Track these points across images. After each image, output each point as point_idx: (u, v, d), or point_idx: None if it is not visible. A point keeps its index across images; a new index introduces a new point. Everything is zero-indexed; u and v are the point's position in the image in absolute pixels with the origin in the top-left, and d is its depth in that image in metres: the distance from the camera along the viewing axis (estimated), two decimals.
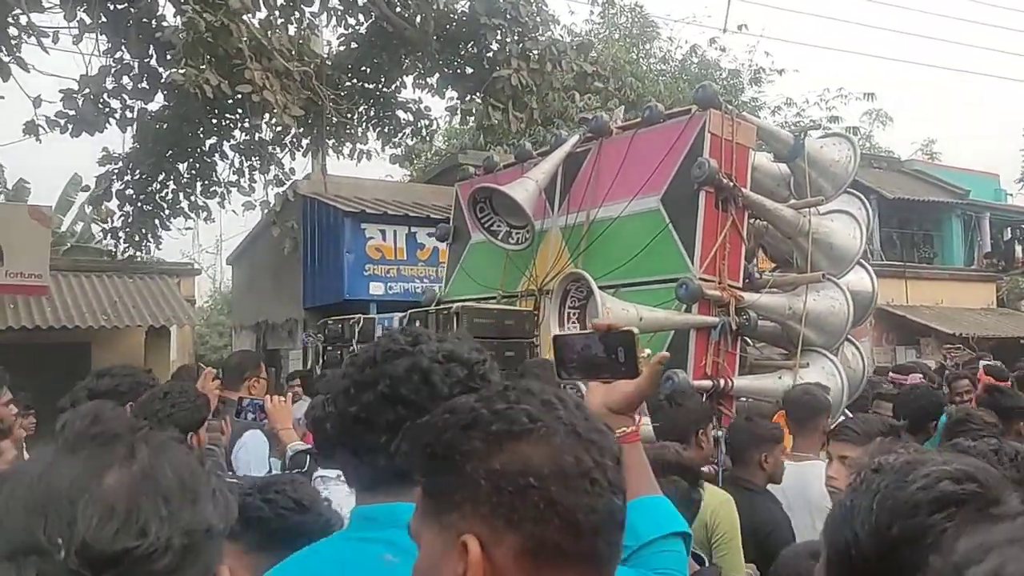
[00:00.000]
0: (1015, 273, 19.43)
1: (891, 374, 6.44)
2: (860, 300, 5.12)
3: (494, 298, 5.63)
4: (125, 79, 10.04)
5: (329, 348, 5.40)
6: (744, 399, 4.82)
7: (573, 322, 4.74)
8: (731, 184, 4.74)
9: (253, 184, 10.97)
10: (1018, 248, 20.46)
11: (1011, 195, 22.74)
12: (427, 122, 11.69)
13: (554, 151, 5.62)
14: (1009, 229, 21.42)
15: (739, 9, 43.10)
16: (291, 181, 10.79)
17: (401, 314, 5.04)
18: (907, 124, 53.00)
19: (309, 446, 3.21)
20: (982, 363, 7.50)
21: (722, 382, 4.60)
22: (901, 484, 1.09)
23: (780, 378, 4.85)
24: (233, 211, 12.33)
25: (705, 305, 4.67)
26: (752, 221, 5.09)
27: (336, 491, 2.64)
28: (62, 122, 9.36)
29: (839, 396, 4.71)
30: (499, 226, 5.55)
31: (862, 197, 5.27)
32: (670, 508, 1.43)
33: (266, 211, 10.63)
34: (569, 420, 0.95)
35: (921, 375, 6.24)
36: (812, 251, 4.93)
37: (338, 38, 11.12)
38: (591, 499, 0.91)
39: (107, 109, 9.95)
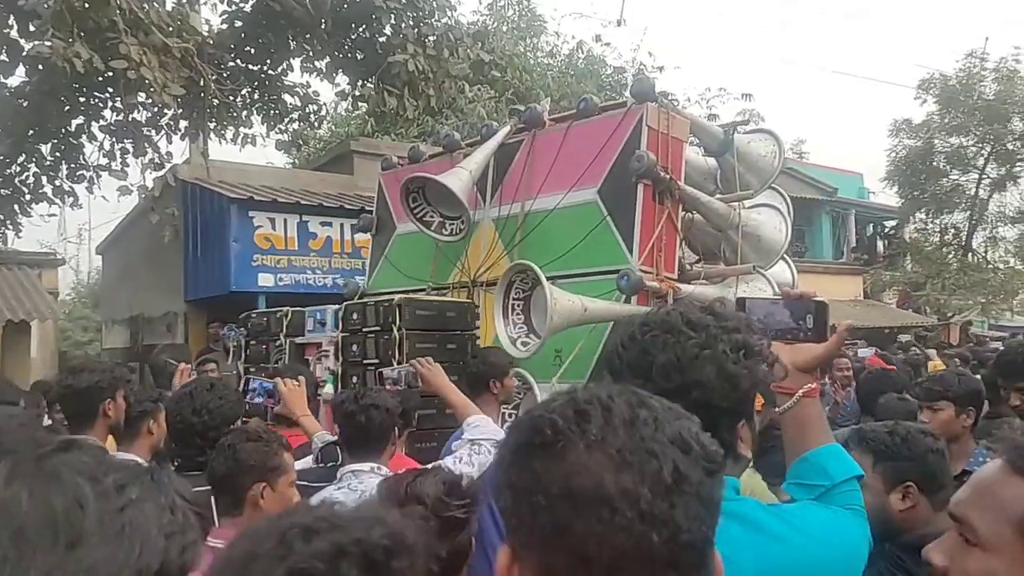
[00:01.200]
0: (878, 267, 20.91)
1: None
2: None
3: (423, 290, 5.50)
4: None
5: (253, 342, 5.12)
6: None
7: (518, 313, 4.70)
8: (668, 177, 4.83)
9: (126, 168, 10.25)
10: (879, 243, 22.01)
11: (874, 193, 24.44)
12: (315, 107, 11.29)
13: (485, 141, 5.54)
14: (872, 225, 23.01)
15: (625, 6, 44.22)
16: (170, 165, 10.15)
17: (335, 306, 4.83)
18: (779, 124, 56.13)
19: (335, 438, 3.07)
20: (872, 351, 8.03)
21: None
22: None
23: None
24: (103, 197, 11.35)
25: (644, 296, 4.73)
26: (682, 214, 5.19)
27: (371, 483, 2.54)
28: None
29: None
30: (432, 217, 5.43)
31: (782, 192, 5.48)
32: (846, 454, 1.62)
33: (143, 196, 9.95)
34: (602, 436, 0.83)
35: None
36: (741, 244, 5.09)
37: (220, 15, 10.56)
38: (607, 529, 0.80)
39: None
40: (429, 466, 2.64)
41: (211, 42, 10.19)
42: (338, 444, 3.05)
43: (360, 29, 10.50)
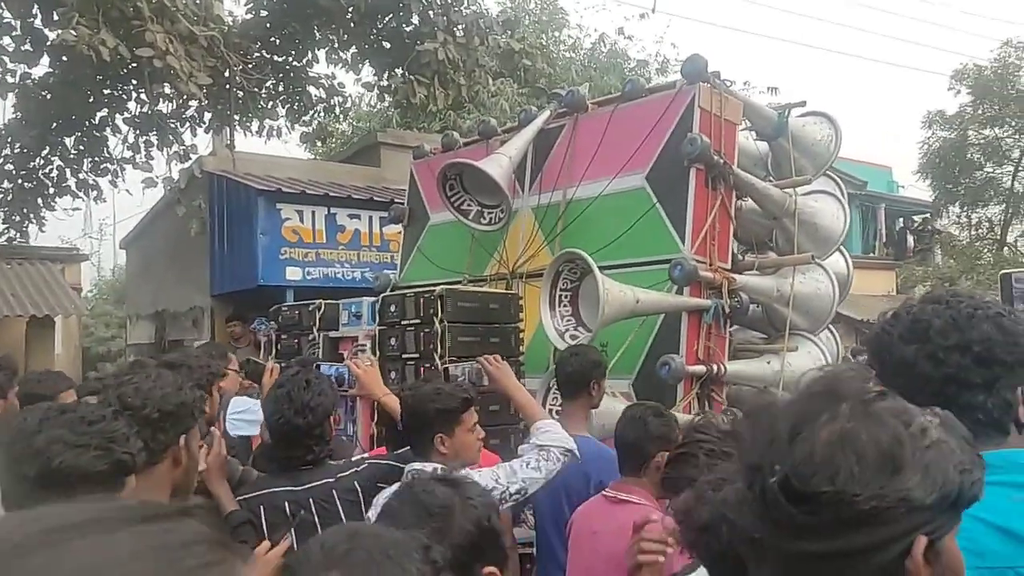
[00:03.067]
0: (909, 261, 20.51)
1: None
2: (839, 283, 5.06)
3: (459, 282, 5.27)
4: (6, 39, 9.04)
5: (284, 337, 4.90)
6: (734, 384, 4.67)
7: (565, 305, 4.46)
8: (721, 161, 4.57)
9: (151, 161, 10.11)
10: (910, 238, 21.60)
11: (903, 187, 23.99)
12: (340, 99, 11.09)
13: (523, 127, 5.31)
14: (902, 219, 22.60)
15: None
16: (196, 157, 9.99)
17: (371, 298, 4.61)
18: None
19: None
20: None
21: (715, 367, 4.43)
22: None
23: (768, 363, 4.72)
24: (127, 191, 11.22)
25: (697, 287, 4.49)
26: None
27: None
28: None
29: None
30: (469, 206, 5.20)
31: (837, 178, 5.21)
32: None
33: (169, 188, 9.79)
34: None
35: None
36: (797, 232, 4.82)
37: (245, 4, 10.37)
38: None
39: None
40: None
41: (236, 32, 10.03)
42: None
43: (387, 18, 10.29)
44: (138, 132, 10.21)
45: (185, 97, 9.38)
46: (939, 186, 22.27)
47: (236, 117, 10.28)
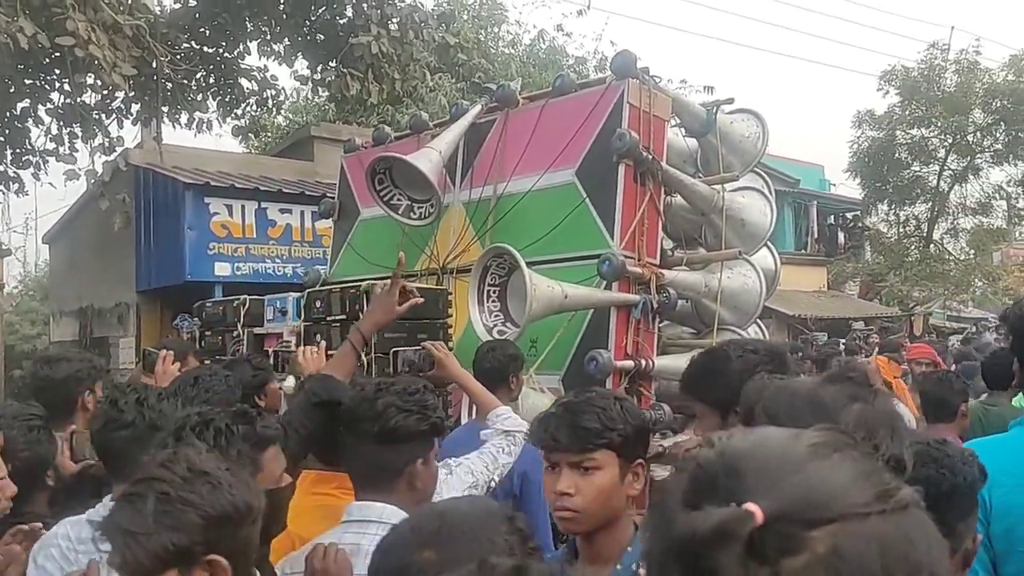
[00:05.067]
0: (840, 258, 21.00)
1: None
2: (766, 278, 5.13)
3: (389, 278, 5.19)
4: None
5: (208, 333, 4.78)
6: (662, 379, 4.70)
7: (493, 300, 4.43)
8: (650, 157, 4.58)
9: (75, 153, 9.78)
10: (840, 235, 22.13)
11: (834, 184, 24.55)
12: (273, 92, 10.88)
13: (454, 122, 5.25)
14: (833, 216, 23.13)
15: None
16: (121, 149, 9.69)
17: (296, 294, 4.52)
18: None
19: None
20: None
21: (643, 362, 4.45)
22: None
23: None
24: (50, 184, 10.84)
25: (625, 282, 4.49)
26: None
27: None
28: None
29: None
30: (399, 200, 5.12)
31: (764, 175, 5.27)
32: None
33: (92, 181, 9.48)
34: None
35: None
36: (724, 228, 4.87)
37: None
38: None
39: None
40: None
41: (164, 21, 9.76)
42: None
43: (320, 10, 10.15)
44: (61, 123, 9.87)
45: (110, 88, 9.10)
46: (868, 184, 22.86)
47: (164, 109, 10.01)
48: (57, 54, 8.50)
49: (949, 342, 13.87)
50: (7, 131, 9.99)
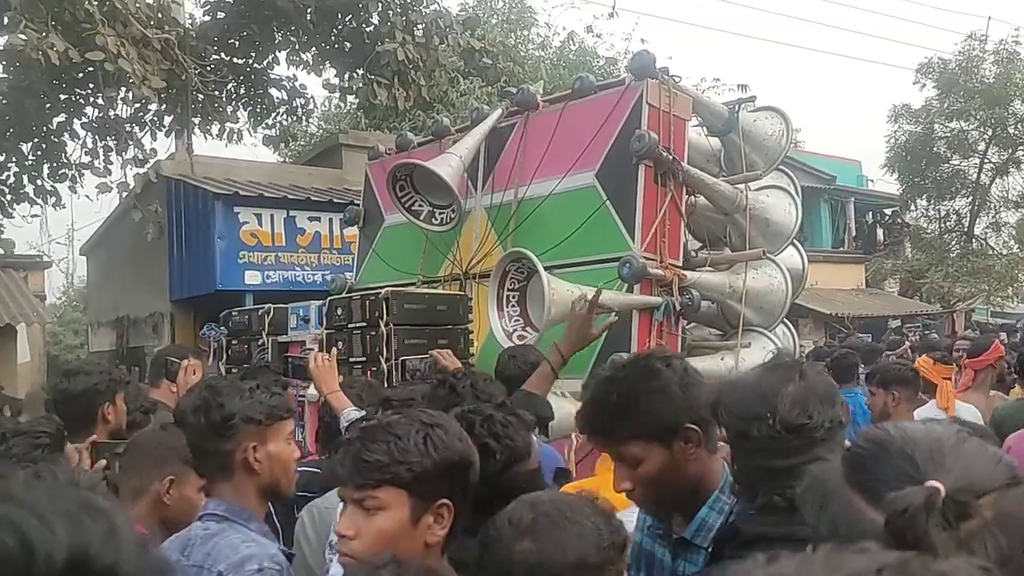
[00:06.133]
0: (879, 255, 20.64)
1: None
2: (792, 277, 5.04)
3: (414, 284, 5.20)
4: None
5: (234, 342, 4.83)
6: None
7: (513, 305, 4.41)
8: (670, 158, 4.53)
9: (109, 166, 9.96)
10: (879, 231, 21.74)
11: (872, 180, 24.12)
12: (303, 101, 10.98)
13: (475, 126, 5.24)
14: (871, 213, 22.74)
15: None
16: (153, 161, 9.85)
17: (319, 302, 4.54)
18: None
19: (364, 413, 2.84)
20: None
21: None
22: None
23: (722, 359, 4.69)
24: (87, 196, 11.07)
25: (647, 285, 4.44)
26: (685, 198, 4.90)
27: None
28: None
29: None
30: (421, 206, 5.13)
31: (789, 173, 5.19)
32: None
33: (124, 194, 9.64)
34: None
35: None
36: (748, 228, 4.80)
37: (203, 6, 10.25)
38: None
39: None
40: None
41: (193, 34, 9.90)
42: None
43: (346, 19, 10.21)
44: (96, 137, 10.06)
45: (142, 101, 9.25)
46: (906, 179, 22.43)
47: (195, 120, 10.15)
48: (89, 69, 8.66)
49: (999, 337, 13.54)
50: (44, 145, 10.20)
